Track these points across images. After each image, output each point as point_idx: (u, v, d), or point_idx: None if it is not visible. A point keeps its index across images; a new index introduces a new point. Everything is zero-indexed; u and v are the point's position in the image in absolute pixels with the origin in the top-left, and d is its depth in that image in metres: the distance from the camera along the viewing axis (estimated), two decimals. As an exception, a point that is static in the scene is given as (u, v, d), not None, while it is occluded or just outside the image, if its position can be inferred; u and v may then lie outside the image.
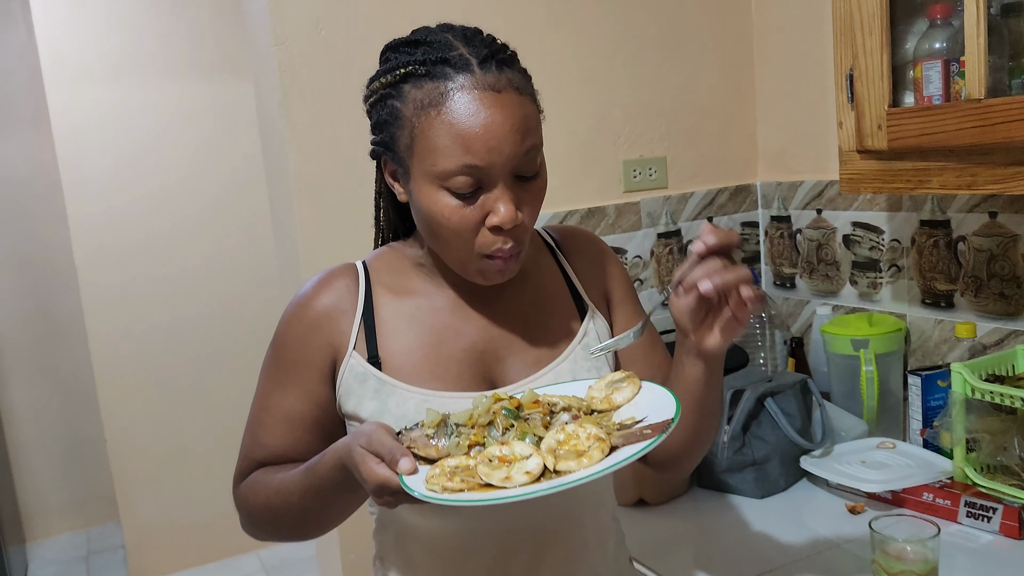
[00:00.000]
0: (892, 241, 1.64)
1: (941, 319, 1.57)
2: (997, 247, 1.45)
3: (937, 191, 1.18)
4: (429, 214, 0.84)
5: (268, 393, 0.95)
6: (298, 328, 0.93)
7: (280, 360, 0.94)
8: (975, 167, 1.13)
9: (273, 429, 0.94)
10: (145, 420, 3.34)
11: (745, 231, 1.94)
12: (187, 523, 3.43)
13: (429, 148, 0.80)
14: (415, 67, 0.81)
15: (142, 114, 3.25)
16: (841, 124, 1.31)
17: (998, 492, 1.31)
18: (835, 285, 1.78)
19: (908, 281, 1.62)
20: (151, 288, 3.29)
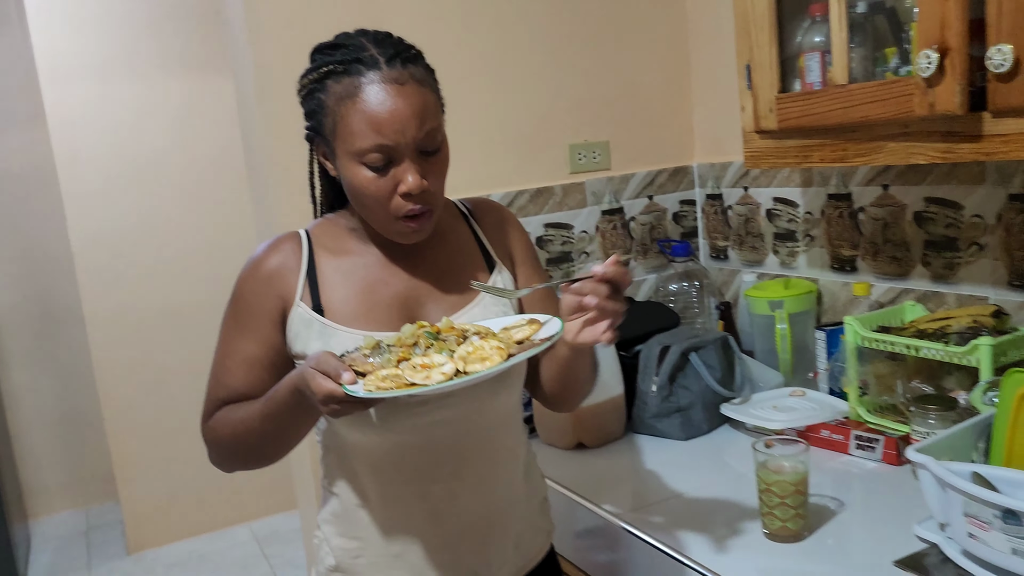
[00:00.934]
0: (806, 214, 1.84)
1: (847, 281, 1.77)
2: (890, 216, 1.65)
3: (817, 164, 1.38)
4: (352, 185, 1.03)
5: (229, 341, 1.11)
6: (253, 284, 1.09)
7: (239, 312, 1.10)
8: (845, 143, 1.32)
9: (235, 371, 1.10)
10: (141, 400, 3.52)
11: (683, 208, 2.14)
12: (182, 498, 3.61)
13: (348, 131, 0.99)
14: (335, 66, 1.00)
15: (133, 108, 3.44)
16: (743, 108, 1.50)
17: (883, 427, 1.51)
18: (760, 255, 1.98)
19: (820, 249, 1.82)
20: (145, 273, 3.48)
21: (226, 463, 1.14)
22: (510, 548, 1.16)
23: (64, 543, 3.79)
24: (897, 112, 1.18)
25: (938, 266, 1.57)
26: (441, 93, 1.07)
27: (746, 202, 1.99)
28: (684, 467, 1.55)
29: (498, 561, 1.15)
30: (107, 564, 3.53)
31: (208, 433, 1.13)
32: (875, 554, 1.16)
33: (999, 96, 1.06)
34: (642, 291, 2.11)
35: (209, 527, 3.68)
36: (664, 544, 1.27)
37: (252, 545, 3.54)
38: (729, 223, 2.06)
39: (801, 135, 1.39)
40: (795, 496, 1.21)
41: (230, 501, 3.68)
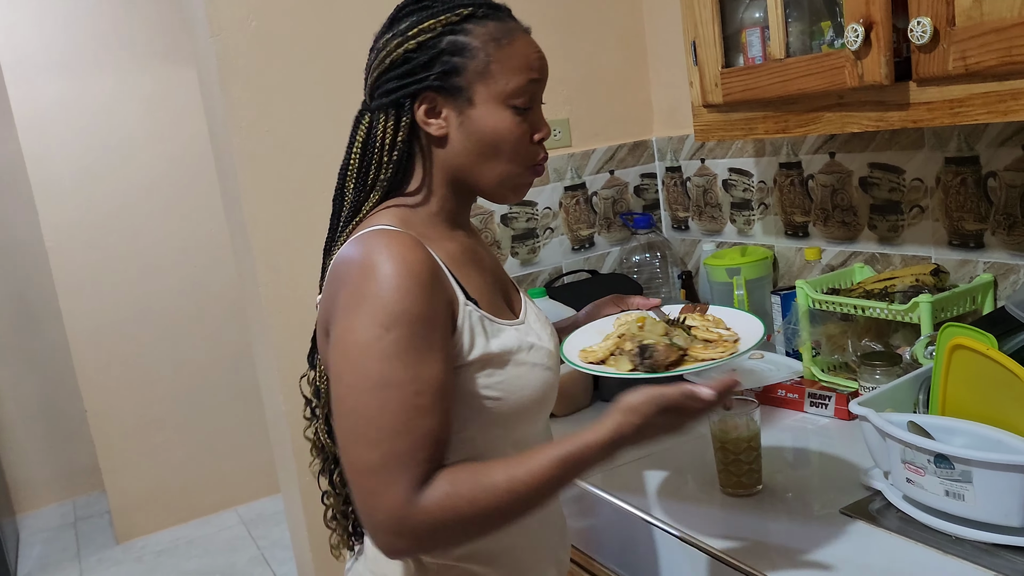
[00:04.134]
0: (760, 183, 1.90)
1: (800, 247, 1.83)
2: (837, 182, 1.71)
3: (761, 136, 1.44)
4: (495, 131, 0.97)
5: (414, 375, 0.86)
6: (420, 292, 0.88)
7: (415, 332, 0.87)
8: (786, 115, 1.38)
9: (434, 409, 0.87)
10: (122, 392, 3.56)
11: (644, 182, 2.19)
12: (168, 485, 3.66)
13: (503, 70, 0.96)
14: (475, 9, 0.97)
15: (101, 102, 3.44)
16: (692, 83, 1.56)
17: (835, 385, 1.58)
18: (719, 224, 2.05)
19: (774, 216, 1.89)
20: (120, 266, 3.50)
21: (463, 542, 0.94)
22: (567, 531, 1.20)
23: (53, 535, 3.83)
24: (830, 84, 1.24)
25: (883, 229, 1.64)
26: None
27: (703, 173, 2.05)
28: (649, 431, 1.62)
29: (566, 544, 1.19)
30: (97, 554, 3.57)
31: (429, 511, 0.84)
32: (825, 503, 1.23)
33: (921, 66, 1.12)
34: (606, 264, 2.16)
35: (196, 513, 3.73)
36: (628, 504, 1.33)
37: (240, 528, 3.60)
38: (688, 194, 2.11)
39: (745, 108, 1.45)
40: (748, 452, 1.27)
41: (216, 487, 3.73)
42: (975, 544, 1.05)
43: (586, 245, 2.13)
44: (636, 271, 2.09)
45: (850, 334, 1.61)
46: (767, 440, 1.33)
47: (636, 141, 2.17)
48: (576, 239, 2.12)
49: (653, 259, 2.09)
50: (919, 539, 1.09)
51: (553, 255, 2.08)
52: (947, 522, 1.09)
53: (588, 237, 2.13)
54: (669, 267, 2.09)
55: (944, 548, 1.06)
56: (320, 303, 0.98)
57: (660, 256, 2.09)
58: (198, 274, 3.63)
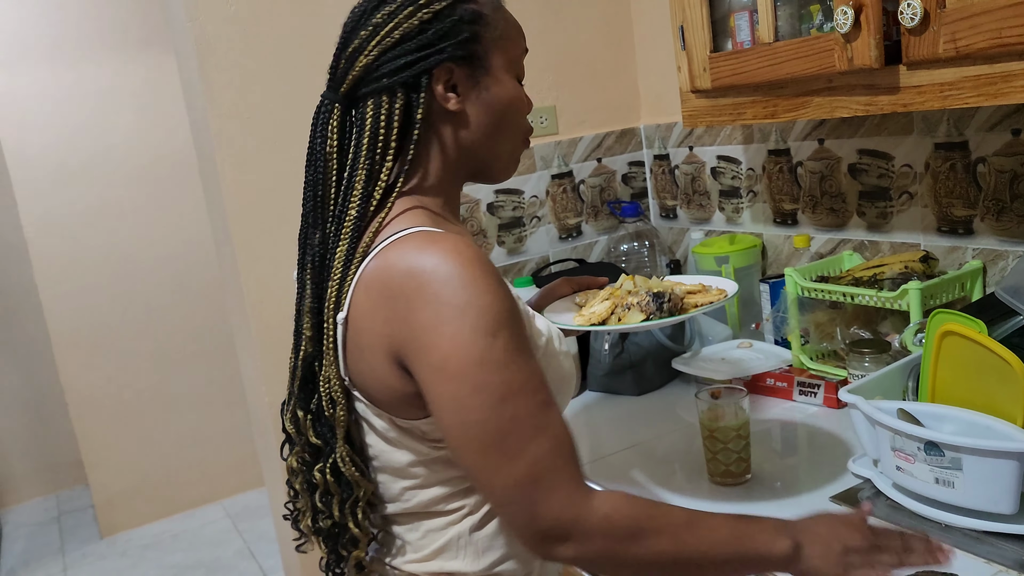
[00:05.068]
0: (748, 170, 1.89)
1: (789, 235, 1.82)
2: (826, 169, 1.70)
3: (750, 121, 1.42)
4: (509, 102, 0.95)
5: (530, 372, 0.82)
6: (504, 288, 0.84)
7: (517, 331, 0.83)
8: (775, 99, 1.36)
9: (553, 400, 0.84)
10: (104, 385, 3.52)
11: (632, 170, 2.18)
12: (152, 479, 3.63)
13: (511, 37, 0.96)
14: None
15: (80, 91, 3.38)
16: (680, 69, 1.54)
17: (824, 373, 1.57)
18: (707, 212, 2.03)
19: (763, 204, 1.87)
20: (100, 257, 3.45)
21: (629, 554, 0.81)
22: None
23: (36, 530, 3.79)
24: (820, 67, 1.22)
25: (872, 215, 1.63)
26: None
27: (692, 161, 2.03)
28: (637, 421, 1.60)
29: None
30: (81, 548, 3.54)
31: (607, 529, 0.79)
32: (814, 491, 1.22)
33: (912, 49, 1.10)
34: (594, 253, 2.15)
35: (181, 507, 3.70)
36: (615, 493, 1.32)
37: (225, 522, 3.57)
38: (676, 182, 2.10)
39: (734, 93, 1.43)
40: (736, 440, 1.26)
41: (200, 480, 3.70)
42: (965, 531, 1.05)
43: (573, 234, 2.11)
44: (624, 260, 2.07)
45: (839, 322, 1.61)
46: (756, 429, 1.32)
47: (623, 129, 2.15)
48: (563, 228, 2.10)
49: (641, 248, 2.07)
50: (909, 526, 1.08)
51: (540, 244, 2.06)
52: (937, 509, 1.08)
53: (575, 226, 2.11)
54: (657, 256, 2.08)
55: (934, 535, 1.05)
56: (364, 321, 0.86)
57: (648, 245, 2.07)
58: (180, 267, 3.59)
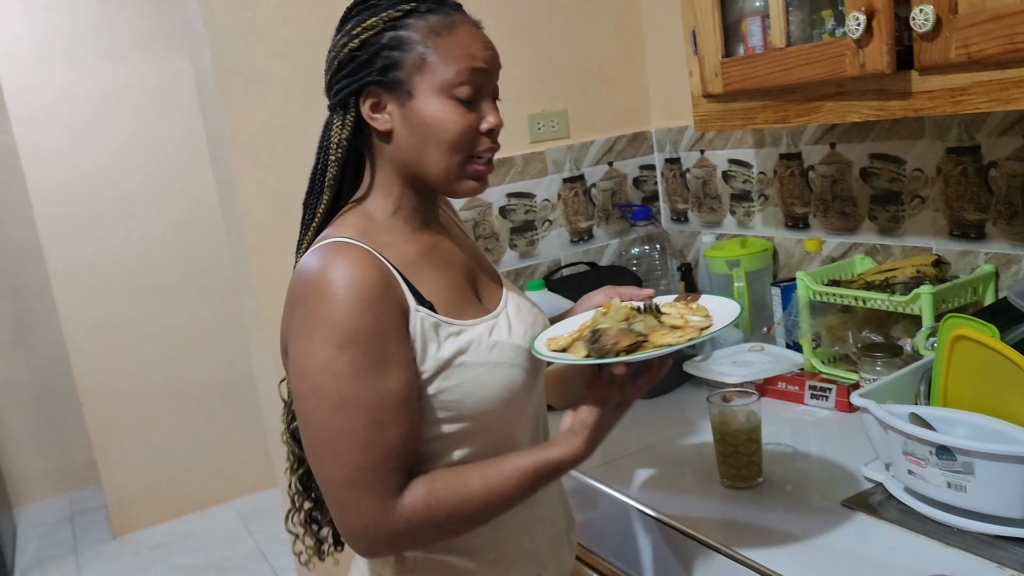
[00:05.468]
0: (760, 174, 1.89)
1: (800, 238, 1.82)
2: (837, 173, 1.70)
3: (761, 125, 1.43)
4: (436, 122, 0.97)
5: (371, 392, 0.90)
6: (368, 309, 0.90)
7: (366, 351, 0.90)
8: (786, 104, 1.37)
9: (396, 421, 0.91)
10: (118, 386, 3.54)
11: (643, 173, 2.18)
12: (164, 479, 3.65)
13: (442, 62, 0.97)
14: (417, 4, 0.98)
15: (93, 93, 3.41)
16: (691, 73, 1.54)
17: (836, 377, 1.57)
18: (719, 216, 2.04)
19: (774, 208, 1.88)
20: (114, 258, 3.48)
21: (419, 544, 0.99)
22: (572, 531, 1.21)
23: (49, 529, 3.82)
24: (831, 73, 1.23)
25: (884, 219, 1.63)
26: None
27: (703, 165, 2.04)
28: (648, 423, 1.60)
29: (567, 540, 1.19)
30: (93, 548, 3.56)
31: (409, 519, 0.91)
32: (825, 496, 1.22)
33: (924, 54, 1.10)
34: (605, 256, 2.15)
35: (192, 507, 3.72)
36: (627, 496, 1.33)
37: (236, 522, 3.59)
38: (688, 186, 2.10)
39: (745, 98, 1.43)
40: (748, 444, 1.27)
41: (212, 481, 3.72)
42: (977, 536, 1.05)
43: (585, 237, 2.12)
44: (635, 263, 2.08)
45: (850, 326, 1.61)
46: (767, 432, 1.32)
47: (635, 132, 2.16)
48: (575, 231, 2.10)
49: (652, 251, 2.08)
50: (920, 531, 1.08)
51: (552, 247, 2.07)
52: (949, 514, 1.08)
53: (587, 229, 2.12)
54: (668, 259, 2.08)
55: (946, 540, 1.05)
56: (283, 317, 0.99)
57: (659, 248, 2.08)
58: (194, 267, 3.61)
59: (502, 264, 2.01)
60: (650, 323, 1.00)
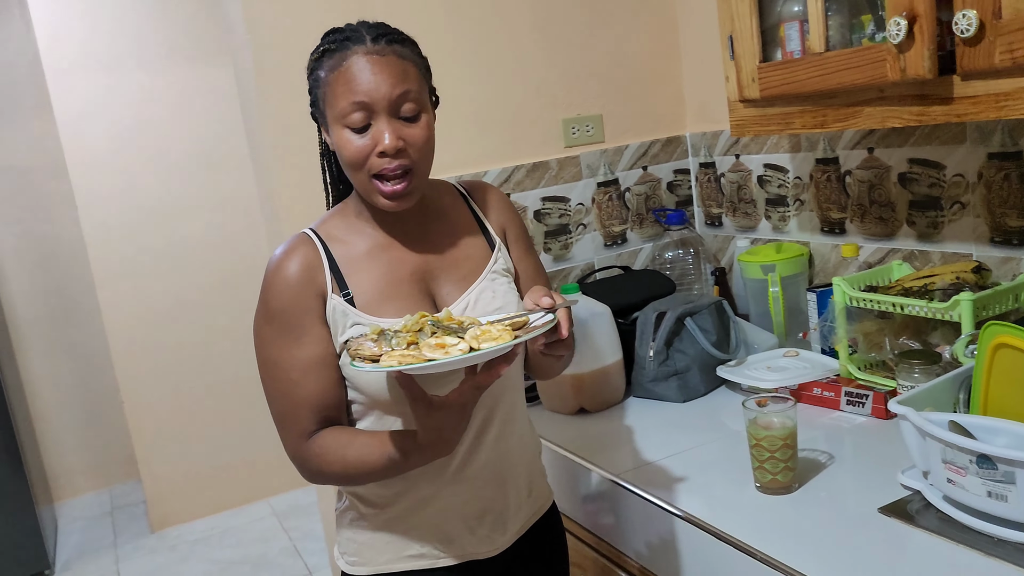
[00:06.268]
0: (795, 179, 1.88)
1: (836, 243, 1.81)
2: (875, 178, 1.69)
3: (799, 131, 1.42)
4: (337, 148, 1.11)
5: (287, 356, 1.11)
6: (288, 291, 1.11)
7: (283, 323, 1.11)
8: (824, 109, 1.36)
9: (304, 381, 1.11)
10: (157, 383, 3.61)
11: (678, 178, 2.18)
12: (202, 476, 3.71)
13: (333, 96, 1.08)
14: (329, 45, 1.10)
15: (138, 96, 3.48)
16: (728, 78, 1.54)
17: (872, 383, 1.56)
18: (753, 221, 2.03)
19: (810, 213, 1.87)
20: (156, 258, 3.55)
21: (323, 483, 1.18)
22: (524, 494, 1.26)
23: (90, 523, 3.90)
24: (871, 78, 1.22)
25: (922, 225, 1.61)
26: (430, 72, 1.15)
27: (738, 169, 2.03)
28: (681, 428, 1.61)
29: (515, 505, 1.24)
30: (133, 542, 3.63)
31: (310, 459, 1.13)
32: (861, 503, 1.22)
33: (966, 59, 1.10)
34: (639, 260, 2.16)
35: (229, 504, 3.78)
36: (661, 500, 1.33)
37: (272, 520, 3.64)
38: (722, 190, 2.10)
39: (783, 103, 1.43)
40: (784, 450, 1.26)
41: (248, 478, 3.78)
42: (1017, 545, 1.04)
43: (618, 241, 2.12)
44: (669, 267, 2.08)
45: (887, 332, 1.59)
46: (802, 438, 1.31)
47: (669, 137, 2.15)
48: (608, 235, 2.11)
49: (686, 256, 2.08)
50: (959, 540, 1.07)
51: (585, 251, 2.08)
52: (989, 523, 1.07)
53: (620, 233, 2.12)
54: (702, 264, 2.08)
55: (985, 550, 1.04)
56: None
57: (693, 253, 2.07)
58: (232, 266, 3.67)
59: (536, 267, 2.01)
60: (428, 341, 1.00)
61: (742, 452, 1.36)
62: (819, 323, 1.64)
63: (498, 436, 1.21)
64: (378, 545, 1.21)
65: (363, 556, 1.22)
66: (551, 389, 1.77)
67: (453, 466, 1.18)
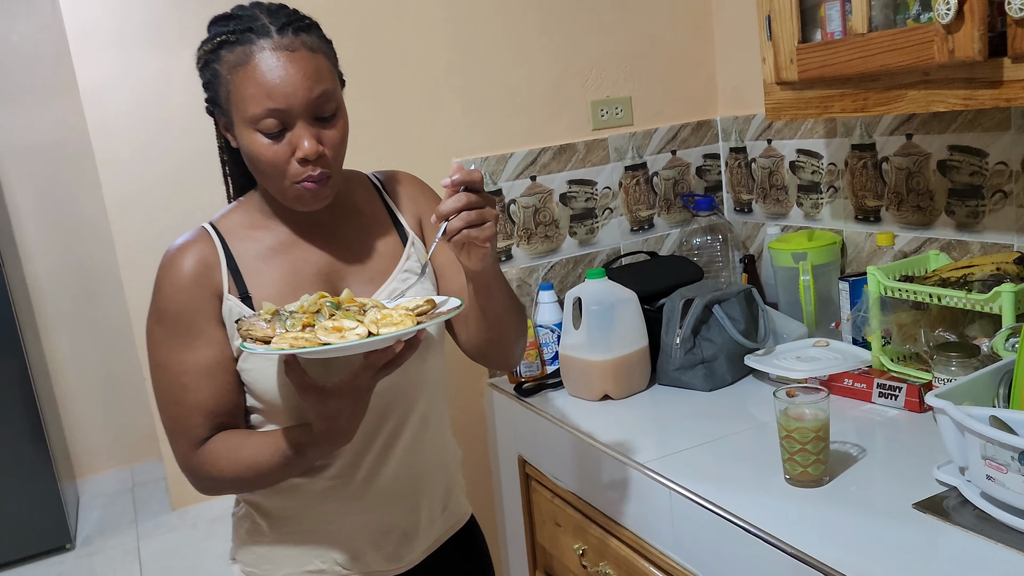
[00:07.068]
0: (830, 165, 1.84)
1: (871, 232, 1.77)
2: (913, 165, 1.64)
3: (838, 115, 1.38)
4: (249, 154, 1.02)
5: (177, 360, 1.04)
6: (180, 291, 1.05)
7: (176, 325, 1.04)
8: (865, 92, 1.32)
9: (196, 386, 1.04)
10: (178, 362, 3.62)
11: (707, 162, 2.14)
12: (221, 455, 3.73)
13: (241, 98, 0.99)
14: (227, 35, 1.00)
15: (162, 74, 3.46)
16: (764, 60, 1.50)
17: (906, 375, 1.52)
18: (784, 207, 1.98)
19: (844, 200, 1.82)
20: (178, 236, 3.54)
21: (219, 492, 1.12)
22: (438, 509, 1.21)
23: (111, 500, 3.92)
24: (917, 60, 1.18)
25: (962, 214, 1.57)
26: (339, 64, 1.07)
27: (770, 155, 1.99)
28: (708, 417, 1.58)
29: (426, 521, 1.19)
30: (153, 519, 3.65)
31: (201, 467, 1.06)
32: (895, 498, 1.18)
33: (1018, 41, 1.05)
34: (666, 245, 2.12)
35: (249, 484, 3.79)
36: (688, 490, 1.30)
37: (291, 500, 3.65)
38: (753, 176, 2.05)
39: (822, 85, 1.39)
40: (816, 442, 1.23)
41: (268, 459, 3.78)
42: (1060, 546, 1.00)
43: (645, 226, 2.09)
44: (696, 254, 2.04)
45: (923, 323, 1.55)
46: (833, 430, 1.28)
47: (699, 120, 2.11)
48: (635, 220, 2.08)
49: (714, 242, 2.04)
50: (998, 538, 1.04)
51: (611, 236, 2.05)
52: (1030, 522, 1.04)
53: (647, 218, 2.09)
54: (730, 251, 2.04)
55: None
56: None
57: (721, 239, 2.04)
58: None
59: (560, 252, 1.98)
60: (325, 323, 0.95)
61: (770, 443, 1.33)
62: (852, 313, 1.60)
63: (410, 447, 1.15)
64: (276, 558, 1.16)
65: (260, 568, 1.18)
66: (575, 375, 1.75)
67: (357, 480, 1.12)
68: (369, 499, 1.13)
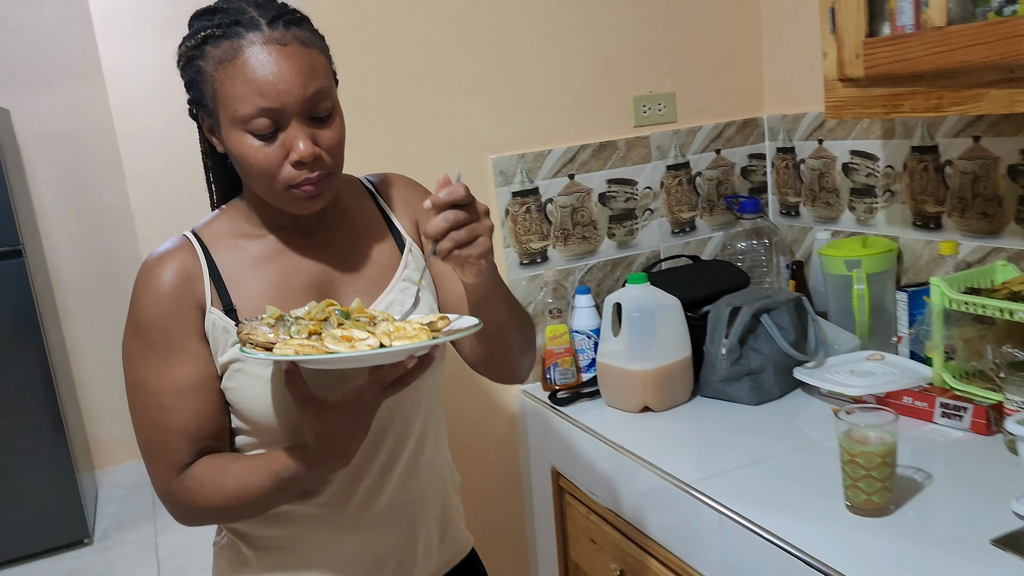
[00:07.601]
0: (887, 167, 1.74)
1: (931, 240, 1.67)
2: (980, 169, 1.54)
3: (908, 114, 1.28)
4: (238, 157, 0.95)
5: (156, 377, 0.97)
6: (159, 304, 0.97)
7: (154, 340, 0.97)
8: (940, 90, 1.22)
9: (179, 407, 0.97)
10: (199, 356, 3.57)
11: (752, 163, 2.04)
12: (241, 451, 3.68)
13: (229, 97, 0.91)
14: (212, 30, 0.93)
15: (186, 66, 3.42)
16: (826, 55, 1.40)
17: (971, 395, 1.42)
18: (835, 211, 1.89)
19: (901, 205, 1.72)
20: (201, 229, 3.50)
21: (201, 522, 1.02)
22: (436, 539, 1.14)
23: (129, 493, 3.89)
24: (1001, 56, 1.08)
25: (1035, 223, 1.47)
26: (332, 59, 1.00)
27: (820, 156, 1.89)
28: (756, 433, 1.49)
29: (423, 553, 1.12)
30: (171, 515, 3.62)
31: (182, 494, 0.98)
32: (969, 531, 1.09)
33: None
34: (708, 249, 2.03)
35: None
36: (736, 513, 1.22)
37: (310, 499, 3.60)
38: (801, 178, 1.96)
39: (891, 83, 1.29)
40: (882, 468, 1.14)
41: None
42: None
43: (687, 229, 2.00)
44: (740, 258, 1.95)
45: (989, 339, 1.45)
46: (898, 454, 1.19)
47: (745, 119, 2.02)
48: (676, 222, 1.98)
49: (759, 246, 1.94)
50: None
51: (651, 238, 1.96)
52: None
53: (689, 220, 2.00)
54: (776, 255, 1.95)
55: (1125, 598, 0.92)
56: None
57: (766, 243, 1.94)
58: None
59: (598, 254, 1.90)
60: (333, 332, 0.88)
61: (825, 464, 1.24)
62: (916, 327, 1.50)
63: (407, 472, 1.07)
64: None
65: None
66: (614, 385, 1.66)
67: (351, 508, 1.04)
68: (362, 528, 1.05)
